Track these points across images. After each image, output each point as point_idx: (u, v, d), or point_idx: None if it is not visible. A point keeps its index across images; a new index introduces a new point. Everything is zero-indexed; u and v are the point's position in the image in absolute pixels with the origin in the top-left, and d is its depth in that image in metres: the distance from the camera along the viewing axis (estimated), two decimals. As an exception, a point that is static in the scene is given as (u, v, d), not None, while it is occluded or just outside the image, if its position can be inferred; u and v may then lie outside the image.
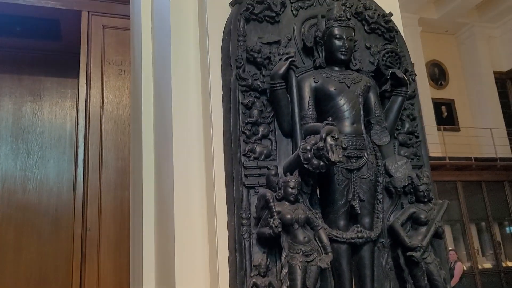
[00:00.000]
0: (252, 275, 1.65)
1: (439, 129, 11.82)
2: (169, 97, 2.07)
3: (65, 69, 4.40)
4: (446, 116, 12.77)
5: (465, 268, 10.14)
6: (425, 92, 12.06)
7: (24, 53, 4.32)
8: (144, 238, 2.50)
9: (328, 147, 1.55)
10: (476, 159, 11.26)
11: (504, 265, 10.97)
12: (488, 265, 10.92)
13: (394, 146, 1.96)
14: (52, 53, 4.42)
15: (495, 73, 13.01)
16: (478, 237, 11.33)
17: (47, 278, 3.70)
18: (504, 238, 11.51)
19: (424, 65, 12.37)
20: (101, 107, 3.83)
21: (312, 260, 1.59)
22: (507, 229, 11.56)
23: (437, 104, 12.58)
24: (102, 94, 3.87)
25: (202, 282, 1.80)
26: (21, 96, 4.53)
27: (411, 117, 2.04)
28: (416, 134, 2.02)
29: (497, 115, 12.59)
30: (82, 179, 3.68)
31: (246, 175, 1.75)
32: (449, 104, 12.95)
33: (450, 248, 9.01)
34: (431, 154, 10.97)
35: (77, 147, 4.20)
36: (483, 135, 11.71)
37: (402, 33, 2.20)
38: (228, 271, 1.68)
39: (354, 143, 1.78)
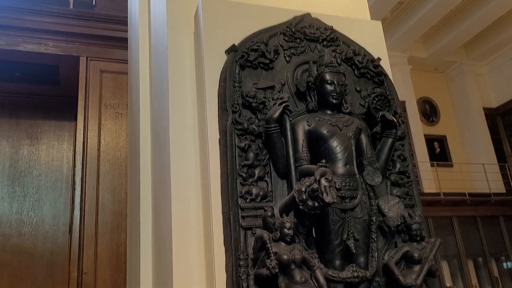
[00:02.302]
0: (250, 316, 1.66)
1: (432, 165, 11.93)
2: (167, 141, 2.13)
3: (63, 112, 4.48)
4: (439, 152, 12.93)
5: (464, 306, 10.01)
6: (418, 129, 12.26)
7: (23, 98, 4.40)
8: (141, 282, 2.50)
9: (322, 189, 1.61)
10: (470, 194, 11.33)
11: (503, 301, 10.84)
12: (487, 302, 10.79)
13: (387, 185, 2.02)
14: (50, 97, 4.51)
15: (485, 109, 13.29)
16: (475, 273, 11.23)
17: (40, 324, 3.62)
18: (502, 274, 11.43)
19: (415, 102, 12.62)
20: (98, 149, 3.89)
21: (309, 301, 1.61)
22: (504, 264, 11.49)
23: (430, 140, 12.76)
24: (99, 136, 3.93)
25: (201, 324, 1.80)
26: (19, 139, 4.58)
27: (401, 157, 2.10)
28: (407, 174, 2.08)
29: (488, 150, 12.77)
30: (78, 221, 3.68)
31: (243, 217, 1.79)
32: (441, 140, 13.14)
33: (448, 285, 8.92)
34: (426, 190, 11.04)
35: (73, 189, 4.22)
36: (476, 170, 11.83)
37: (390, 76, 2.30)
38: (226, 313, 1.69)
39: (347, 184, 1.84)
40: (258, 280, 1.70)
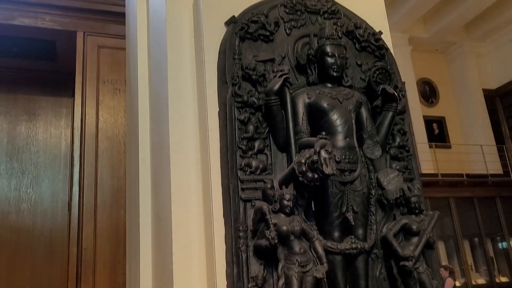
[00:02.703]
0: (249, 286, 1.68)
1: (430, 146, 11.95)
2: (166, 115, 2.12)
3: (60, 88, 4.45)
4: (438, 133, 12.94)
5: (458, 284, 10.14)
6: (417, 110, 12.25)
7: (20, 73, 4.36)
8: (141, 258, 2.51)
9: (322, 161, 1.60)
10: (467, 175, 11.39)
11: (497, 280, 10.99)
12: (482, 280, 10.95)
13: (386, 159, 2.01)
14: (48, 73, 4.47)
15: (484, 90, 13.26)
16: (471, 253, 11.37)
17: (40, 298, 3.64)
18: (497, 254, 11.57)
19: (415, 83, 12.57)
20: (96, 126, 3.87)
21: (308, 271, 1.62)
22: (500, 244, 11.62)
23: (428, 122, 12.76)
24: (97, 113, 3.91)
25: (200, 294, 1.82)
26: (16, 115, 4.55)
27: (401, 131, 2.10)
28: (406, 148, 2.08)
29: (487, 132, 12.79)
30: (77, 198, 3.68)
31: (242, 189, 1.80)
32: (440, 121, 13.14)
33: (443, 264, 9.03)
34: (424, 171, 11.08)
35: (72, 166, 4.20)
36: (474, 151, 11.86)
37: (391, 50, 2.28)
38: (226, 282, 1.70)
39: (347, 157, 1.84)
40: (258, 251, 1.71)
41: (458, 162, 11.63)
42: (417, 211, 1.85)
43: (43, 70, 4.36)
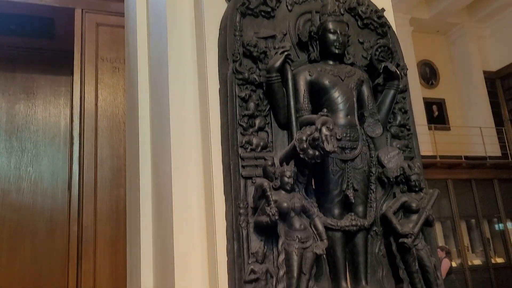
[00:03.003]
0: (249, 262, 1.69)
1: (430, 128, 11.94)
2: (166, 92, 2.11)
3: (59, 67, 4.41)
4: (437, 115, 12.92)
5: (455, 265, 10.27)
6: (416, 91, 12.18)
7: (18, 51, 4.32)
8: (141, 233, 2.53)
9: (323, 137, 1.60)
10: (466, 157, 11.42)
11: (493, 261, 11.13)
12: (477, 261, 11.07)
13: (387, 138, 2.01)
14: (46, 51, 4.43)
15: (484, 72, 13.19)
16: (468, 234, 11.47)
17: (42, 277, 3.69)
18: (493, 235, 11.68)
19: (416, 65, 12.49)
20: (96, 104, 3.85)
21: (308, 247, 1.64)
22: (496, 226, 11.72)
23: (428, 104, 12.72)
24: (96, 91, 3.88)
25: (201, 270, 1.83)
26: (15, 94, 4.52)
27: (403, 110, 2.09)
28: (407, 127, 2.08)
29: (486, 114, 12.77)
30: (77, 177, 3.68)
31: (243, 166, 1.80)
32: (440, 104, 13.10)
33: (440, 245, 9.11)
34: (422, 153, 11.05)
35: (71, 144, 4.18)
36: (473, 134, 11.87)
37: (394, 28, 2.25)
38: (226, 259, 1.72)
39: (348, 135, 1.83)
40: (258, 227, 1.72)
41: (457, 144, 11.64)
42: (417, 189, 1.86)
43: (41, 48, 4.32)
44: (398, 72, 1.98)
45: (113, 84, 4.02)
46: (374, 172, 1.88)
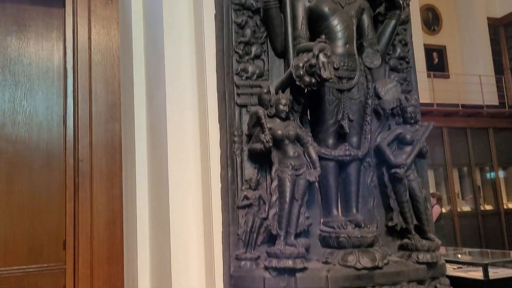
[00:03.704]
0: (243, 188, 1.72)
1: (428, 76, 11.83)
2: (160, 17, 2.05)
3: (51, -2, 4.25)
4: (437, 63, 12.76)
5: (444, 211, 10.53)
6: (417, 38, 11.93)
7: (8, -20, 4.15)
8: (136, 167, 2.55)
9: (320, 64, 1.57)
10: (463, 106, 11.40)
11: (482, 208, 11.40)
12: (467, 208, 11.35)
13: (385, 70, 1.98)
14: (37, -20, 4.25)
15: (488, 19, 12.89)
16: (459, 182, 11.68)
17: (40, 207, 3.76)
18: (484, 183, 11.89)
19: (418, 10, 12.17)
20: (89, 38, 3.74)
21: (301, 174, 1.65)
22: (488, 174, 11.91)
23: (429, 50, 12.52)
24: (89, 23, 3.76)
25: (195, 195, 1.86)
26: (6, 25, 4.37)
27: (403, 42, 2.04)
28: (407, 60, 2.04)
29: (487, 62, 12.61)
30: (72, 111, 3.65)
31: (238, 94, 1.78)
32: (441, 51, 12.90)
33: (431, 192, 9.28)
34: (419, 100, 11.03)
35: (65, 78, 4.12)
36: (472, 82, 11.78)
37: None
38: (220, 185, 1.74)
39: (346, 64, 1.80)
40: (252, 155, 1.73)
41: (455, 93, 11.57)
42: (412, 121, 1.85)
43: (31, -23, 4.14)
44: (400, 1, 1.92)
45: (107, 17, 3.89)
46: (370, 104, 1.86)
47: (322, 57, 1.58)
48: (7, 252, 3.50)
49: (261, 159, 1.72)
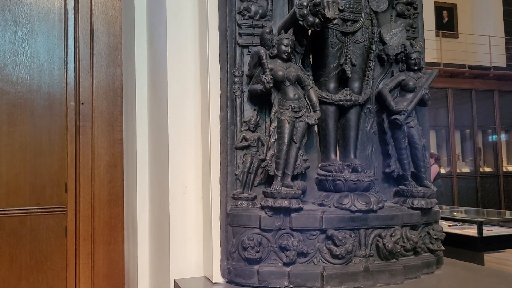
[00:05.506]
0: (242, 130, 1.71)
1: (437, 35, 11.58)
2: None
3: None
4: (447, 22, 12.46)
5: (443, 172, 10.61)
6: (428, -5, 11.62)
7: None
8: (137, 112, 2.54)
9: (325, 4, 1.53)
10: (470, 67, 11.22)
11: (481, 170, 11.46)
12: (466, 169, 11.42)
13: (391, 15, 1.93)
14: None
15: (502, -23, 12.48)
16: (460, 143, 11.69)
17: (42, 149, 3.81)
18: (485, 145, 11.90)
19: (431, -35, 11.77)
20: (90, -22, 3.65)
21: (301, 117, 1.64)
22: (490, 137, 11.90)
23: (439, 8, 12.20)
24: (90, -37, 3.66)
25: (194, 136, 1.87)
26: (6, -37, 4.25)
27: (412, -14, 1.98)
28: (414, 5, 1.98)
29: (498, 22, 12.31)
30: (73, 52, 3.62)
31: (240, 34, 1.74)
32: (451, 9, 12.56)
33: (431, 152, 9.31)
34: (426, 60, 10.85)
35: (66, 19, 4.06)
36: (481, 43, 11.55)
37: None
38: (219, 126, 1.74)
39: (351, 6, 1.75)
40: (252, 96, 1.72)
41: (463, 53, 11.37)
42: (416, 67, 1.82)
43: None
44: None
45: (108, -44, 3.78)
46: (374, 49, 1.83)
47: (327, -4, 1.53)
48: (10, 193, 3.56)
49: (261, 101, 1.71)
